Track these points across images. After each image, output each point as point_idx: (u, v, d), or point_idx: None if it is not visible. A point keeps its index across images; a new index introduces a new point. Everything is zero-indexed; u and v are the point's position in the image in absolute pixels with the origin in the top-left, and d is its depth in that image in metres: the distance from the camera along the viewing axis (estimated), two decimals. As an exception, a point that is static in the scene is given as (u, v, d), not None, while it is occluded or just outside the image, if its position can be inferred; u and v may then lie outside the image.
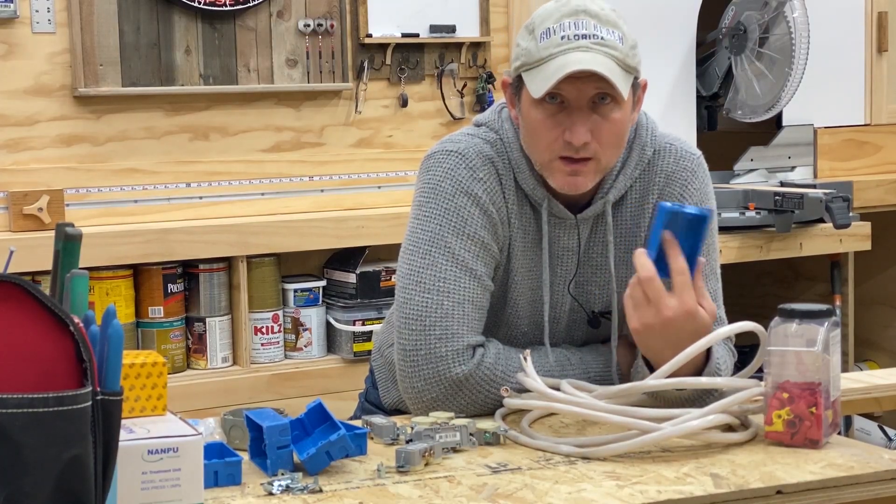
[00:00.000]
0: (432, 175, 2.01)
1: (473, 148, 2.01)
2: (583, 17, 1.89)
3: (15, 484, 1.15)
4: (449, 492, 1.56)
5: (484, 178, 1.99)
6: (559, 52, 1.87)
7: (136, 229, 3.34)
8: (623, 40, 1.90)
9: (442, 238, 1.97)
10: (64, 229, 1.41)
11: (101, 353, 1.24)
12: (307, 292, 3.57)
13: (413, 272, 1.97)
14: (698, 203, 2.02)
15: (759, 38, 3.93)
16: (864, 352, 4.38)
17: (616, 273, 2.03)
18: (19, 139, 3.37)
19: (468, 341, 1.94)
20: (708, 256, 1.99)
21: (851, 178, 4.11)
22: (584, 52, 1.87)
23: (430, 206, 1.99)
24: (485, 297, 1.98)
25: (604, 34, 1.88)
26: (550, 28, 1.89)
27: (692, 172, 2.05)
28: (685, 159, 2.05)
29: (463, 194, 1.98)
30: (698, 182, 2.05)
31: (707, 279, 1.97)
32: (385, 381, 2.18)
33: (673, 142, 2.07)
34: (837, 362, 1.75)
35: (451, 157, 2.00)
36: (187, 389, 3.30)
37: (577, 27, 1.88)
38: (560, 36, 1.88)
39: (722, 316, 2.05)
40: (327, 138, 3.73)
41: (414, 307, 1.95)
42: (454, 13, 3.85)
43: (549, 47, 1.88)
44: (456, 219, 1.97)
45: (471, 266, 1.96)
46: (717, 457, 1.68)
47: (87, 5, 3.37)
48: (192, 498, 1.42)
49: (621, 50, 1.89)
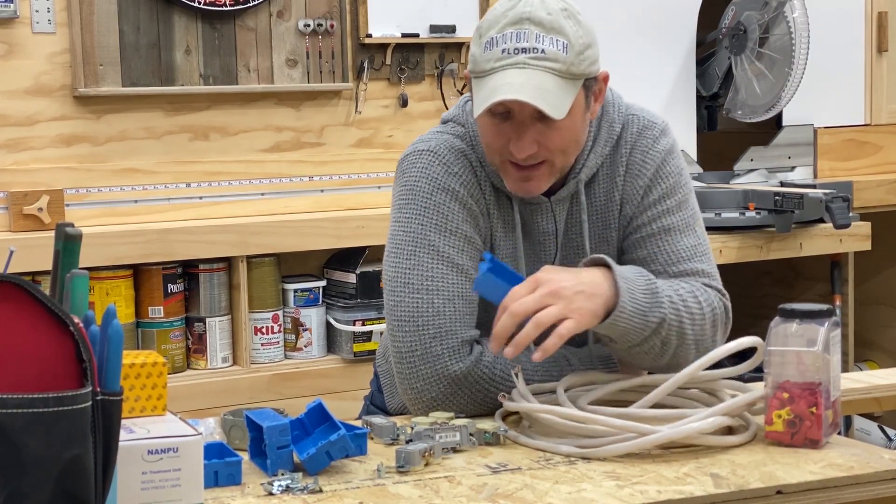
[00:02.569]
0: (408, 176, 2.02)
1: (444, 144, 2.02)
2: (526, 25, 1.87)
3: (15, 484, 1.15)
4: (449, 492, 1.56)
5: (459, 172, 2.00)
6: (498, 68, 1.87)
7: (136, 229, 3.34)
8: (567, 48, 1.87)
9: (425, 237, 1.97)
10: (64, 229, 1.41)
11: (101, 353, 1.24)
12: (307, 292, 3.57)
13: (400, 274, 1.97)
14: (660, 163, 2.03)
15: (759, 38, 3.93)
16: (864, 352, 4.38)
17: (594, 251, 2.03)
18: (19, 139, 3.37)
19: (463, 337, 1.94)
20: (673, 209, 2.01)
21: (851, 178, 4.11)
22: (520, 71, 1.86)
23: (410, 206, 2.00)
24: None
25: (545, 46, 1.86)
26: (494, 38, 1.89)
27: (654, 139, 2.05)
28: (648, 128, 2.05)
29: (440, 191, 1.99)
30: (659, 146, 2.05)
31: (681, 233, 2.00)
32: (389, 385, 2.18)
33: (635, 111, 2.07)
34: (837, 362, 1.75)
35: (425, 156, 2.01)
36: (187, 389, 3.30)
37: (517, 39, 1.87)
38: (501, 49, 1.88)
39: (704, 269, 2.00)
40: (327, 138, 3.73)
41: (405, 309, 1.95)
42: (454, 13, 3.85)
43: (491, 60, 1.88)
44: (436, 216, 1.98)
45: (457, 261, 1.97)
46: (717, 457, 1.68)
47: (87, 5, 3.37)
48: (192, 498, 1.42)
49: (564, 60, 1.87)
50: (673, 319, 1.89)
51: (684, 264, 2.00)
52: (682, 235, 2.01)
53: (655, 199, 2.03)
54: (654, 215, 2.02)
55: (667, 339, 1.90)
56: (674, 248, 2.01)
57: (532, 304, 1.80)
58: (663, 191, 2.03)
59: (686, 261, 2.00)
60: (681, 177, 2.05)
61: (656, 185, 2.03)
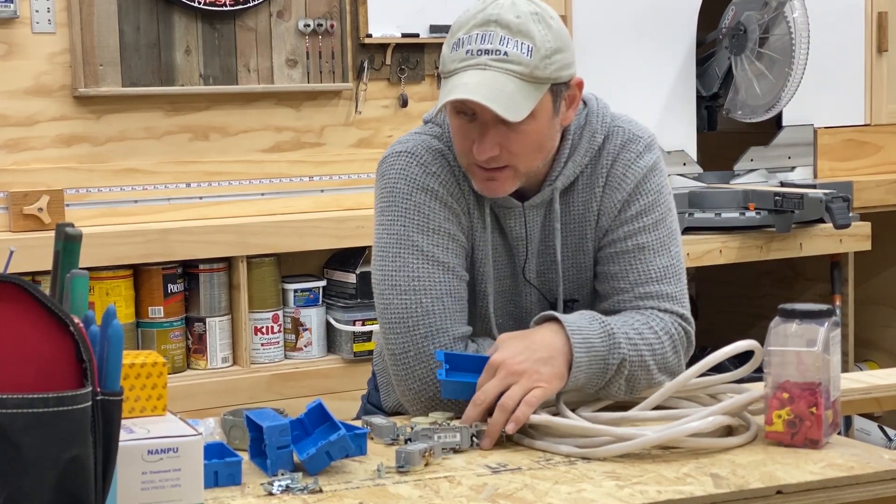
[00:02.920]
0: (388, 179, 2.03)
1: (422, 145, 2.03)
2: (493, 28, 1.88)
3: (15, 484, 1.15)
4: (449, 492, 1.56)
5: (437, 172, 2.00)
6: (460, 69, 1.89)
7: (136, 229, 3.34)
8: (532, 52, 1.87)
9: (408, 238, 1.98)
10: (64, 229, 1.41)
11: (101, 353, 1.24)
12: (307, 292, 3.57)
13: (387, 276, 1.98)
14: (641, 179, 2.02)
15: (759, 38, 3.93)
16: (864, 352, 4.38)
17: (570, 260, 2.04)
18: (19, 139, 3.37)
19: (454, 334, 1.94)
20: (650, 227, 2.00)
21: (851, 178, 4.11)
22: (479, 72, 1.86)
23: (391, 209, 2.00)
24: (462, 288, 1.99)
25: (509, 48, 1.87)
26: (461, 38, 1.90)
27: (637, 154, 2.04)
28: (632, 141, 2.04)
29: (420, 191, 1.99)
30: (642, 161, 2.03)
31: (655, 253, 1.99)
32: (386, 384, 2.18)
33: (622, 123, 2.06)
34: (837, 362, 1.75)
35: (403, 158, 2.02)
36: (187, 389, 3.30)
37: (482, 41, 1.88)
38: (465, 50, 1.89)
39: (673, 293, 2.00)
40: (327, 138, 3.73)
41: (395, 311, 1.96)
42: (454, 13, 3.76)
43: (456, 60, 1.90)
44: (418, 216, 1.98)
45: (442, 260, 1.97)
46: (717, 457, 1.68)
47: (87, 5, 3.37)
48: (192, 498, 1.42)
49: (527, 63, 1.87)
50: (633, 356, 1.90)
51: (652, 285, 1.99)
52: (654, 255, 2.00)
53: (633, 214, 2.02)
54: (629, 231, 2.01)
55: (631, 376, 1.91)
56: (645, 267, 2.00)
57: (493, 389, 1.80)
58: (641, 207, 2.02)
59: (655, 282, 1.99)
60: (660, 195, 2.04)
61: (635, 200, 2.02)
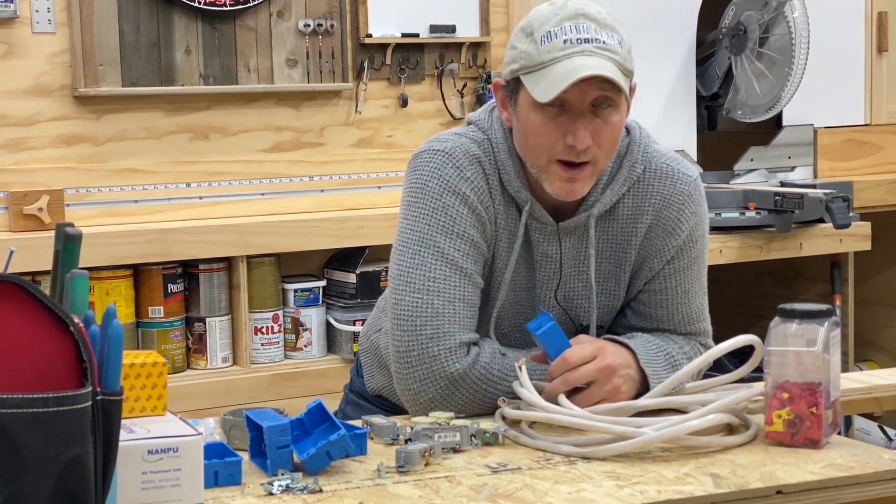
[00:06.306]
0: (420, 175, 2.01)
1: (460, 147, 2.01)
2: (583, 20, 1.90)
3: (15, 484, 1.15)
4: (449, 492, 1.56)
5: (471, 177, 1.99)
6: (563, 57, 1.88)
7: (136, 229, 3.34)
8: (622, 44, 1.91)
9: (431, 237, 1.97)
10: (64, 229, 1.41)
11: (101, 353, 1.24)
12: (307, 292, 3.57)
13: (403, 272, 1.97)
14: (693, 226, 2.06)
15: (759, 38, 3.93)
16: (864, 352, 4.38)
17: (600, 286, 2.05)
18: (19, 139, 3.37)
19: (460, 339, 1.94)
20: (695, 272, 2.06)
21: (851, 178, 4.11)
22: (588, 57, 1.87)
23: (419, 205, 2.00)
24: (476, 295, 1.99)
25: (605, 38, 1.90)
26: (551, 31, 1.90)
27: (689, 196, 2.06)
28: (682, 182, 2.06)
29: (450, 193, 1.98)
30: (694, 205, 2.06)
31: (696, 295, 2.08)
32: (370, 365, 2.19)
33: (669, 161, 2.07)
34: (837, 362, 1.75)
35: (438, 157, 2.01)
36: (187, 389, 3.30)
37: (578, 31, 1.89)
38: (563, 40, 1.88)
39: (706, 328, 2.11)
40: (327, 138, 3.73)
41: (405, 307, 1.96)
42: (454, 13, 3.85)
43: (552, 51, 1.88)
44: (444, 218, 1.98)
45: (460, 264, 1.97)
46: (717, 457, 1.68)
47: (87, 5, 3.37)
48: (192, 498, 1.42)
49: (621, 54, 1.90)
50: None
51: (695, 324, 2.08)
52: (695, 297, 2.08)
53: (685, 264, 2.07)
54: (679, 279, 2.06)
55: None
56: (688, 310, 2.07)
57: (585, 376, 1.88)
58: (693, 256, 2.07)
59: (696, 321, 2.09)
60: (706, 238, 2.11)
61: (688, 248, 2.06)
